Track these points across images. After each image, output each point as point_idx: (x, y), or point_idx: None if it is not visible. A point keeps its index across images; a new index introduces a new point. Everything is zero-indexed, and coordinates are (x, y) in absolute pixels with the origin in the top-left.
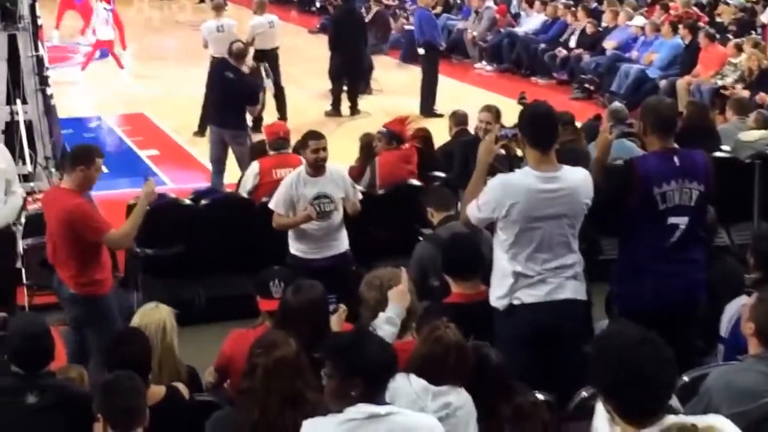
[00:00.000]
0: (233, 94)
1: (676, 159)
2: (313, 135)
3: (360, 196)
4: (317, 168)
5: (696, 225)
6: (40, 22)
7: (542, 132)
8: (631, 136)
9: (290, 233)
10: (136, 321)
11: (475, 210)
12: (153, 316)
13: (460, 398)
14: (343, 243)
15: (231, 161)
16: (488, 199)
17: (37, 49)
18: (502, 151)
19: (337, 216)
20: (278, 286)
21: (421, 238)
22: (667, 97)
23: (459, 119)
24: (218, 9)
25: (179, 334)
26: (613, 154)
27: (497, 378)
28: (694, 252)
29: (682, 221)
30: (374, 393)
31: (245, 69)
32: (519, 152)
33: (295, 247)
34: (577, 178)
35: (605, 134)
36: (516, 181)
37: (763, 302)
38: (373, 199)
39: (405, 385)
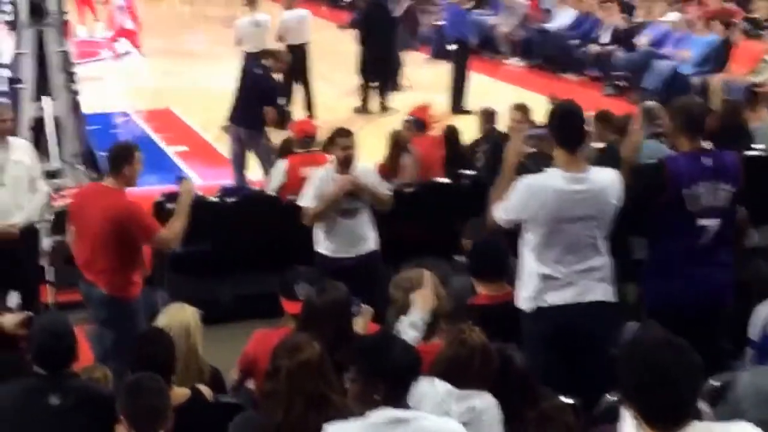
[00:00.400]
0: (256, 91)
1: (706, 159)
2: (342, 132)
3: (390, 192)
4: (345, 166)
5: (726, 226)
6: (66, 17)
7: (570, 132)
8: (661, 136)
9: (317, 231)
10: (160, 321)
11: (502, 211)
12: (178, 316)
13: (484, 402)
14: (371, 242)
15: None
16: (515, 200)
17: (64, 45)
18: (532, 149)
19: (365, 213)
20: (303, 288)
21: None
22: (697, 97)
23: (488, 117)
24: (253, 4)
25: (205, 332)
26: (642, 154)
27: (522, 381)
28: (723, 254)
29: (712, 223)
30: (397, 397)
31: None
32: None
33: (322, 246)
34: (606, 179)
35: (634, 134)
36: (543, 182)
37: None
38: (402, 198)
39: (429, 388)
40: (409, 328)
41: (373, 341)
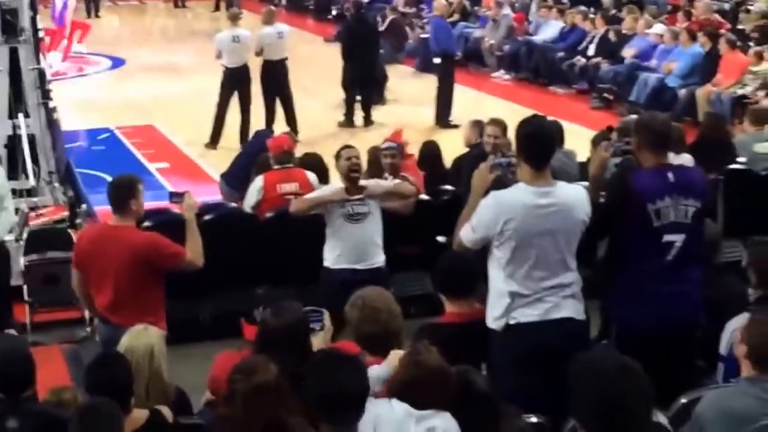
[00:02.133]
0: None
1: (670, 175)
2: (346, 146)
3: (398, 181)
4: (352, 180)
5: (692, 242)
6: (41, 34)
7: (539, 149)
8: (629, 153)
9: (327, 244)
10: (124, 343)
11: (469, 232)
12: (141, 338)
13: (444, 422)
14: (378, 256)
15: None
16: (482, 217)
17: (38, 63)
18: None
19: (374, 221)
20: (263, 312)
21: None
22: (660, 113)
23: (482, 129)
24: (234, 19)
25: (183, 351)
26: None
27: (484, 403)
28: (692, 271)
29: (677, 238)
30: (344, 419)
31: None
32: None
33: (330, 259)
34: (573, 194)
35: (601, 151)
36: (510, 197)
37: (756, 324)
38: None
39: (387, 410)
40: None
41: (316, 363)
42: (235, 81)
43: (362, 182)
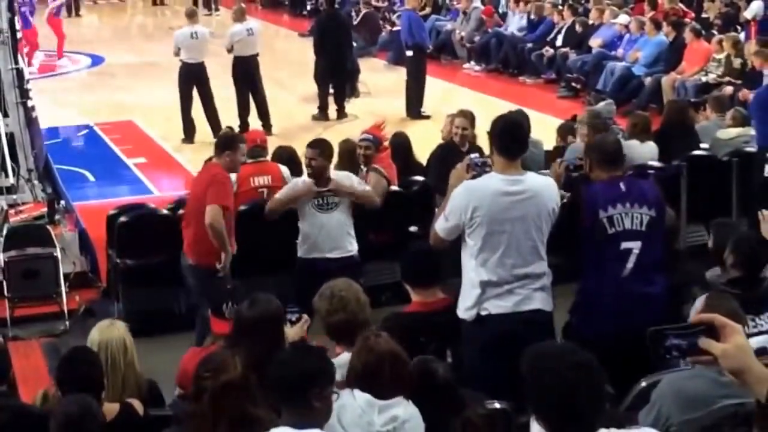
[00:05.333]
0: None
1: (621, 185)
2: (310, 144)
3: (369, 188)
4: (315, 177)
5: (650, 251)
6: (19, 35)
7: (513, 143)
8: (581, 168)
9: (300, 235)
10: (95, 338)
11: (442, 221)
12: (112, 333)
13: (407, 411)
14: (349, 245)
15: None
16: (454, 205)
17: (17, 62)
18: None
19: (344, 212)
20: (232, 308)
21: None
22: (611, 135)
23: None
24: (191, 16)
25: (160, 342)
26: None
27: (446, 392)
28: (653, 284)
29: (634, 245)
30: (294, 408)
31: None
32: None
33: (302, 249)
34: (542, 183)
35: (555, 167)
36: (480, 185)
37: (711, 308)
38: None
39: (350, 400)
40: None
41: (282, 355)
42: (191, 77)
43: (332, 174)
